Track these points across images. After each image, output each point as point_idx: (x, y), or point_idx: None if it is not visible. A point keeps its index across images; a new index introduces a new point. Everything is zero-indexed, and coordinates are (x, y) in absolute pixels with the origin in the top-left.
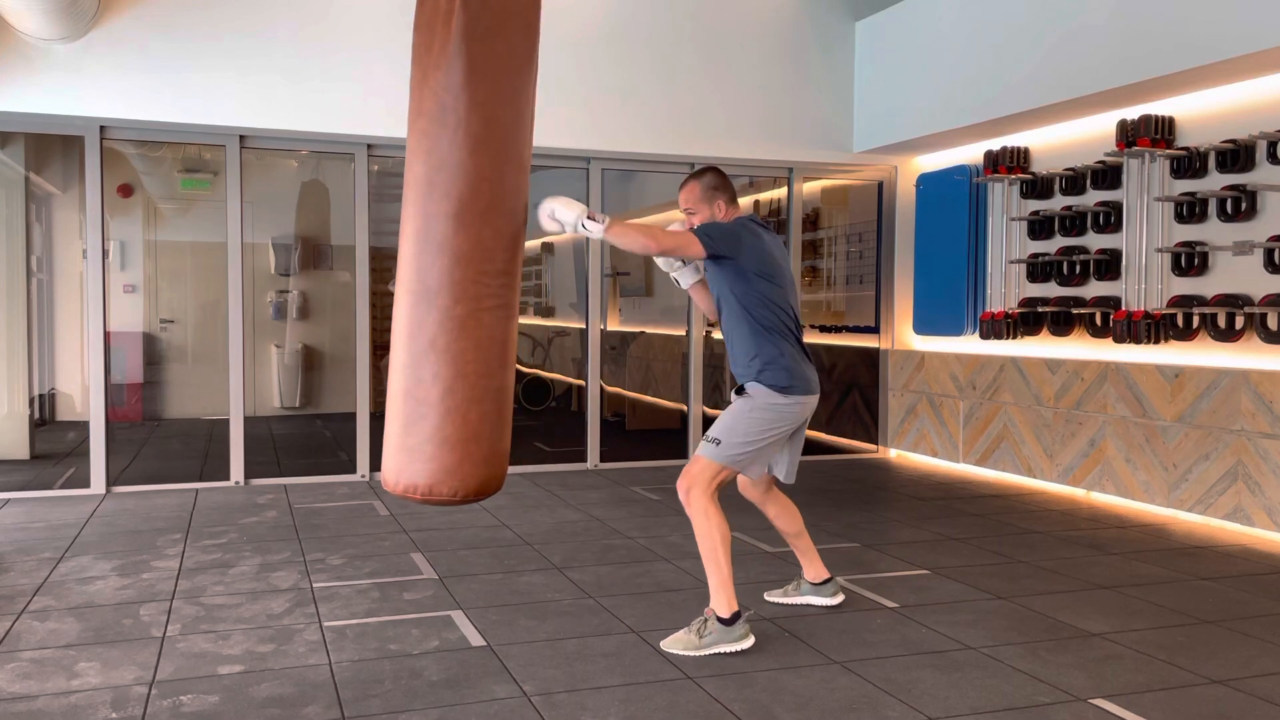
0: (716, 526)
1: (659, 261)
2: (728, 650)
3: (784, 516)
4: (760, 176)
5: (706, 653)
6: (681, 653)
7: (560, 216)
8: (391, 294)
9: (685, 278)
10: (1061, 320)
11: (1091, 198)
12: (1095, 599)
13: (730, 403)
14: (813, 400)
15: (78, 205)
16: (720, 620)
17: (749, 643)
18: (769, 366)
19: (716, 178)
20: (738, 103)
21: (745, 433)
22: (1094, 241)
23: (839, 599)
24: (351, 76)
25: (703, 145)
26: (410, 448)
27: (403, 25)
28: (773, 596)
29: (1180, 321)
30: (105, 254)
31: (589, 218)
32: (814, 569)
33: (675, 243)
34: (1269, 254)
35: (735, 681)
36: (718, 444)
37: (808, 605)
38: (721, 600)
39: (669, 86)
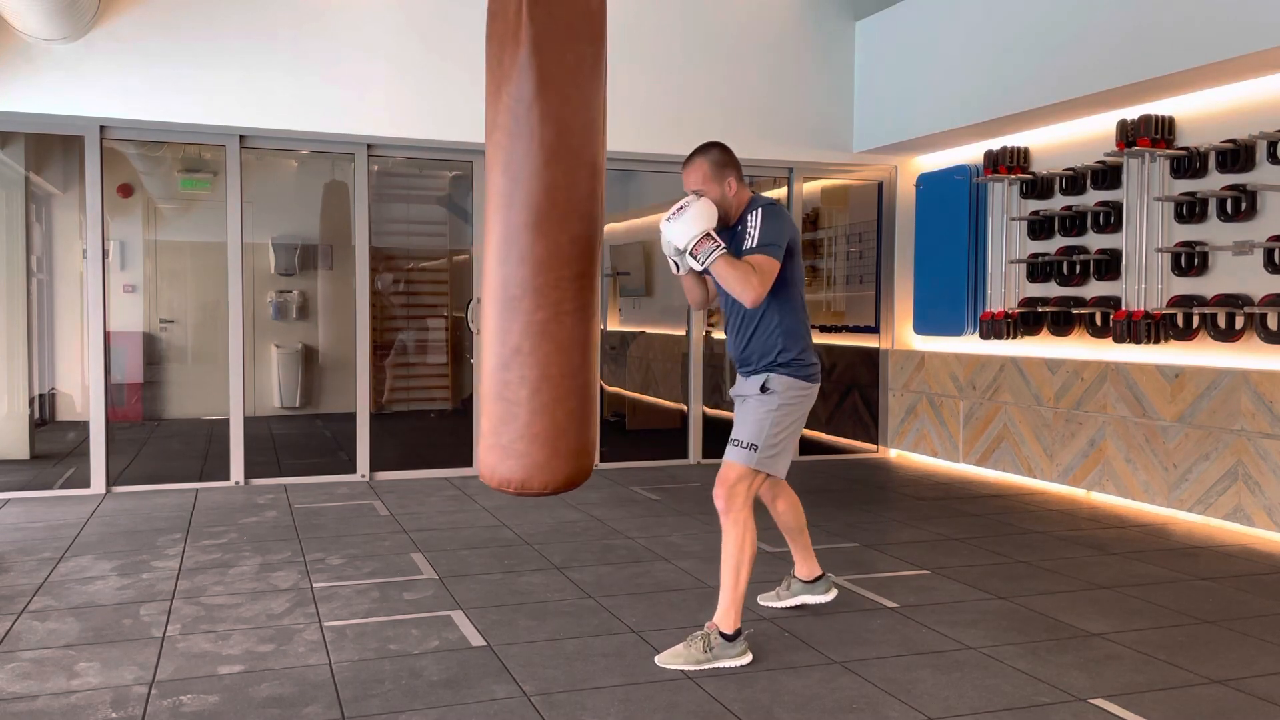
0: (750, 543)
1: (666, 248)
2: (727, 666)
3: (791, 512)
4: (760, 176)
5: (708, 667)
6: (681, 667)
7: (671, 231)
8: (389, 294)
9: (685, 266)
10: (1061, 320)
11: (1091, 198)
12: (1095, 599)
13: (736, 397)
14: (816, 389)
15: (78, 205)
16: (723, 635)
17: (748, 659)
18: (796, 356)
19: (723, 153)
20: (738, 103)
21: (775, 432)
22: (1094, 241)
23: (832, 594)
24: (351, 76)
25: None
26: (503, 445)
27: (403, 25)
28: (766, 600)
29: (1180, 321)
30: (105, 254)
31: (692, 252)
32: (807, 566)
33: (767, 283)
34: (1269, 254)
35: (735, 681)
36: (754, 450)
37: (802, 605)
38: (730, 616)
39: (669, 86)
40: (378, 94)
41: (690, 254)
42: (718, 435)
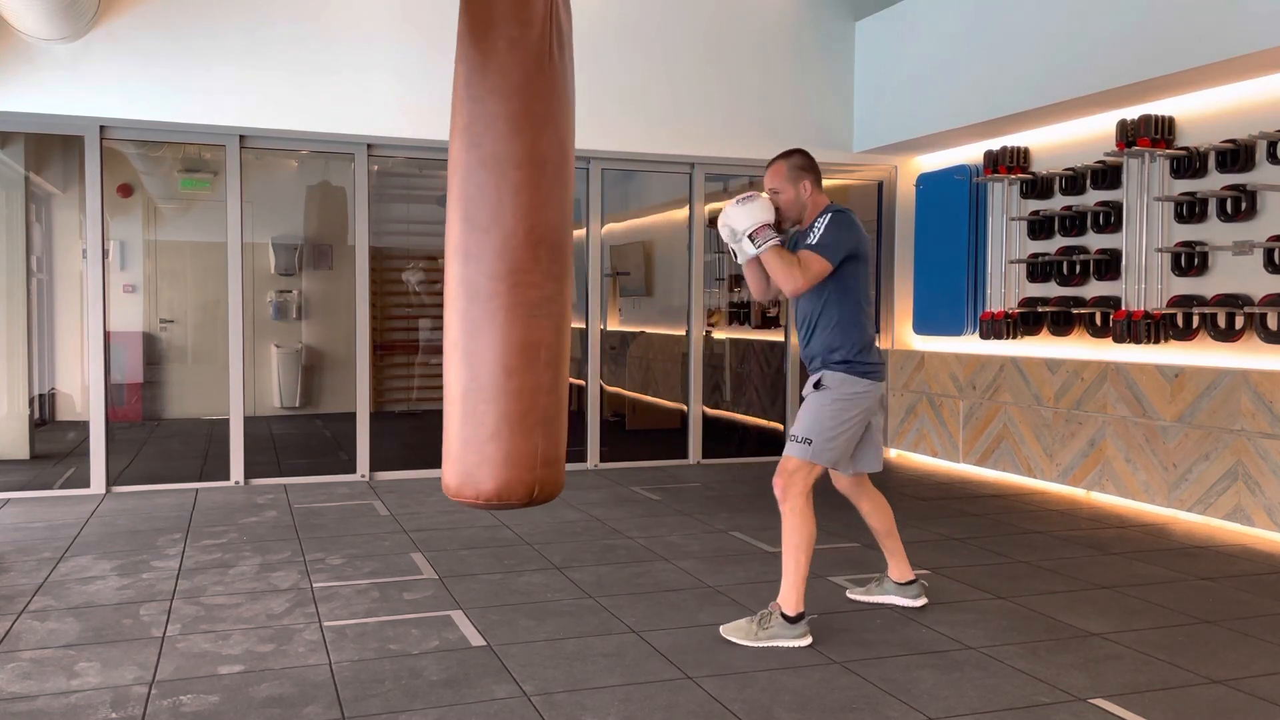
0: (806, 528)
1: (723, 230)
2: (786, 645)
3: (877, 513)
4: (760, 176)
5: (764, 644)
6: (740, 641)
7: (736, 214)
8: (390, 293)
9: (745, 254)
10: (1061, 320)
11: (1091, 198)
12: (1095, 599)
13: (803, 397)
14: (882, 387)
15: (78, 205)
16: (785, 616)
17: (807, 640)
18: (852, 356)
19: (804, 159)
20: (738, 103)
21: (832, 426)
22: (1094, 241)
23: (922, 601)
24: (351, 76)
25: (703, 145)
26: (445, 450)
27: (403, 25)
28: (855, 595)
29: (1180, 321)
30: (105, 254)
31: (752, 235)
32: (900, 569)
33: (810, 279)
34: (1269, 254)
35: (735, 681)
36: (809, 444)
37: (890, 605)
38: (791, 598)
39: (669, 86)
40: (378, 94)
41: (749, 238)
42: (717, 435)
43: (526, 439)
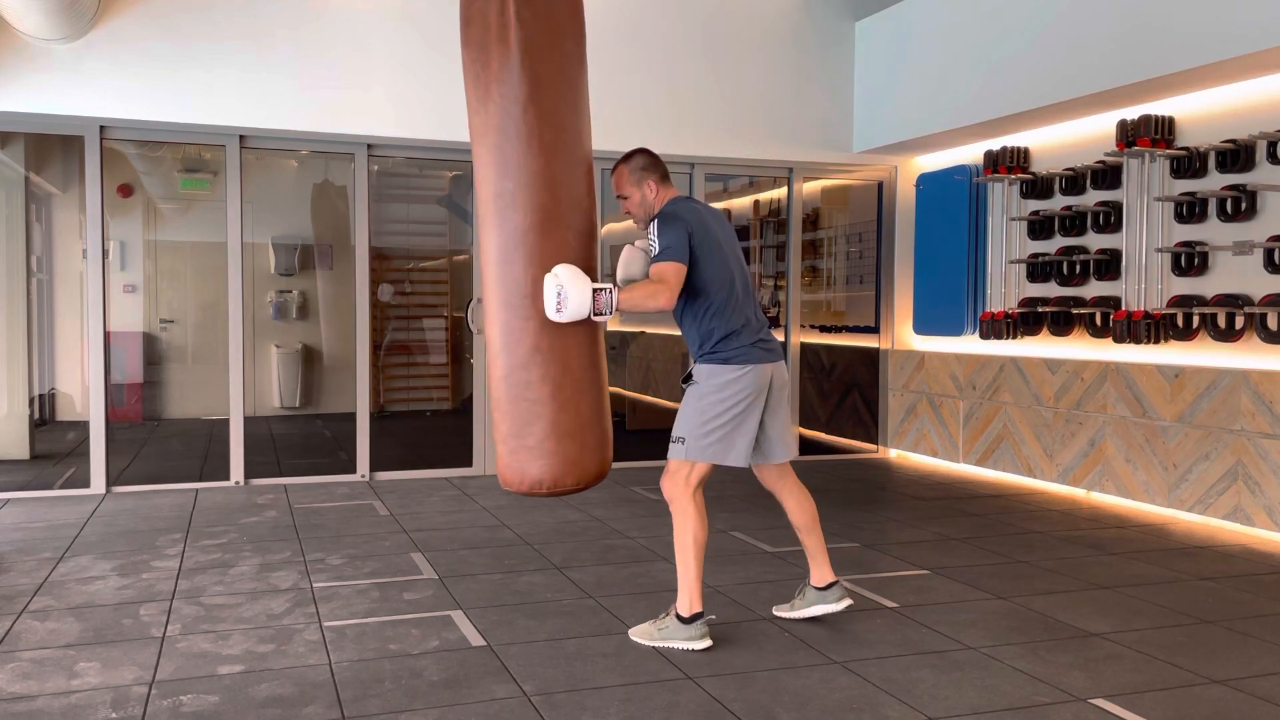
0: (693, 527)
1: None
2: (681, 647)
3: (799, 510)
4: (760, 176)
5: (660, 644)
6: (640, 641)
7: (568, 304)
8: (388, 297)
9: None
10: (1061, 320)
11: (1091, 198)
12: (1095, 599)
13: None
14: (770, 368)
15: (78, 205)
16: (680, 617)
17: (704, 644)
18: (716, 343)
19: (645, 158)
20: (738, 103)
21: (704, 421)
22: (1094, 241)
23: (845, 603)
24: (351, 76)
25: (703, 145)
26: (529, 448)
27: (403, 26)
28: (780, 611)
29: (1180, 321)
30: (105, 254)
31: (596, 310)
32: (820, 571)
33: (673, 286)
34: (1269, 254)
35: (735, 681)
36: (682, 443)
37: (815, 616)
38: (685, 599)
39: (669, 86)
40: (378, 94)
41: (594, 315)
42: None
43: (608, 421)
